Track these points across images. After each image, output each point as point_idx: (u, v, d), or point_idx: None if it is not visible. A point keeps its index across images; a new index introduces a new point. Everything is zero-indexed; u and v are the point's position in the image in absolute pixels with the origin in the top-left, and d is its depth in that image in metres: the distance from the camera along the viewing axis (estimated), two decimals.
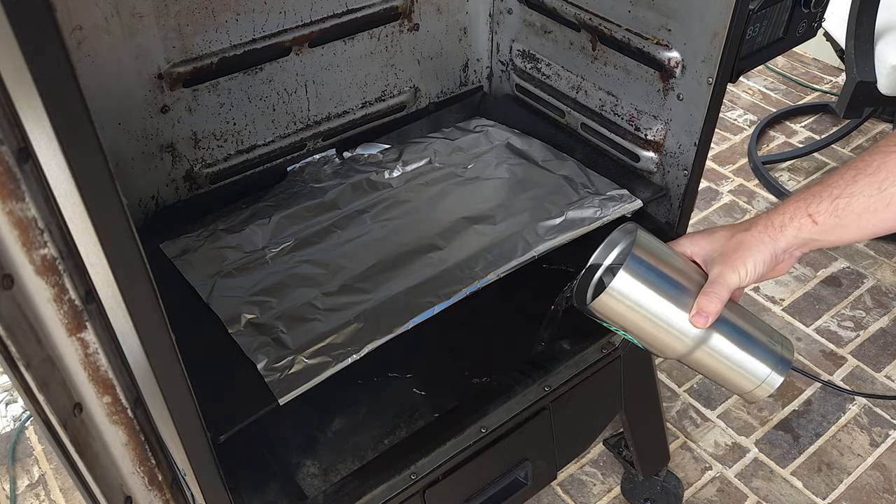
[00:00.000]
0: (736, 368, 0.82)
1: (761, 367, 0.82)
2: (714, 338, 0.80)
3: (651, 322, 0.79)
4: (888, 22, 1.87)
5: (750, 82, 2.77)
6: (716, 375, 0.83)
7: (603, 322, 0.83)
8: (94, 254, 0.53)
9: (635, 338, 0.82)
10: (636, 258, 0.79)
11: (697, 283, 0.80)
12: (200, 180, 1.14)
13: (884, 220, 0.74)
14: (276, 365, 0.88)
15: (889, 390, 1.78)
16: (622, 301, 0.78)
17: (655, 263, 0.79)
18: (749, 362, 0.82)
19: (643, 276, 0.78)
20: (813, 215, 0.77)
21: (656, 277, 0.79)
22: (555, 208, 1.10)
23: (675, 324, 0.79)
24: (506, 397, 1.01)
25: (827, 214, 0.76)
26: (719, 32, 0.97)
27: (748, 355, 0.82)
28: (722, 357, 0.81)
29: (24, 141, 0.48)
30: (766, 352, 0.82)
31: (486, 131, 1.30)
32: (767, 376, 0.82)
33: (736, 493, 1.59)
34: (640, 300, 0.78)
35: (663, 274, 0.79)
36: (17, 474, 1.63)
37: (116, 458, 0.68)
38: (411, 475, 0.94)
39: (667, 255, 0.81)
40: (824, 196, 0.76)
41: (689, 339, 0.80)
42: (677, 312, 0.79)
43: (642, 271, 0.78)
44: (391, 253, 1.05)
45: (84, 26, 0.93)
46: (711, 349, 0.81)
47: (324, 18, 1.14)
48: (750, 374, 0.82)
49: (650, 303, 0.78)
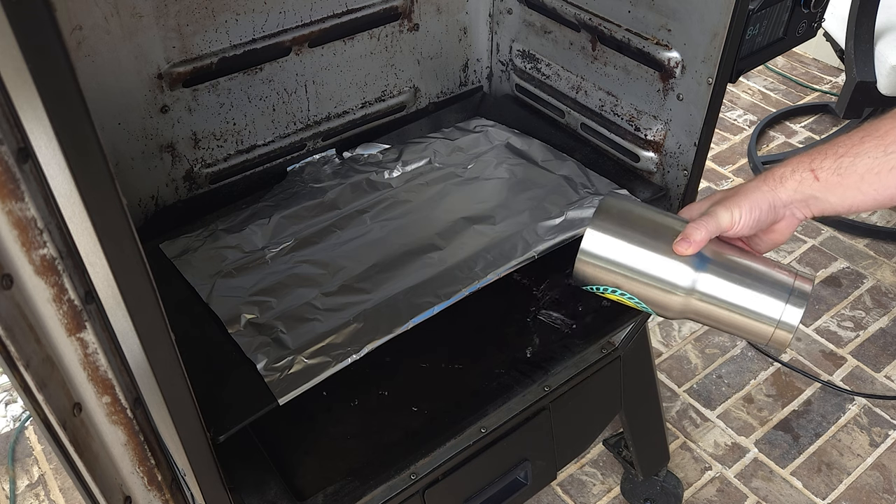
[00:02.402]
0: (743, 312, 0.75)
1: (772, 304, 0.74)
2: (708, 280, 0.75)
3: (635, 277, 0.76)
4: (888, 22, 1.87)
5: (750, 82, 2.77)
6: (728, 325, 0.77)
7: (599, 292, 0.80)
8: (93, 254, 0.53)
9: (635, 299, 0.78)
10: (602, 215, 0.76)
11: (679, 232, 0.76)
12: (200, 180, 1.14)
13: (887, 185, 0.72)
14: (276, 365, 0.88)
15: (889, 390, 1.78)
16: (596, 262, 0.76)
17: (626, 218, 0.77)
18: (755, 302, 0.75)
19: (614, 231, 0.76)
20: (815, 171, 0.75)
21: (629, 231, 0.76)
22: (555, 208, 1.10)
23: (660, 274, 0.75)
24: (505, 397, 1.01)
25: (830, 171, 0.74)
26: (719, 33, 0.97)
27: (752, 293, 0.75)
28: (723, 301, 0.75)
29: (23, 141, 0.48)
30: (775, 286, 0.75)
31: (485, 131, 1.30)
32: (782, 313, 0.74)
33: (736, 494, 1.59)
34: (613, 257, 0.76)
35: (636, 226, 0.76)
36: (17, 474, 1.63)
37: (116, 458, 0.68)
38: (411, 475, 0.94)
39: (641, 210, 0.78)
40: (829, 153, 0.74)
41: (680, 286, 0.75)
42: (659, 261, 0.75)
43: (611, 227, 0.76)
44: (391, 253, 1.05)
45: (84, 26, 0.93)
46: (709, 295, 0.75)
47: (324, 18, 1.14)
48: (761, 316, 0.75)
49: (626, 257, 0.76)
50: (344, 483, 0.90)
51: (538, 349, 1.07)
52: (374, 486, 0.90)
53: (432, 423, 0.98)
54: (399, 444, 0.95)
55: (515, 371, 1.03)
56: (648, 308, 0.80)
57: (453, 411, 0.99)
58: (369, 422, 1.00)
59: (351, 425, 1.00)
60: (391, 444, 0.96)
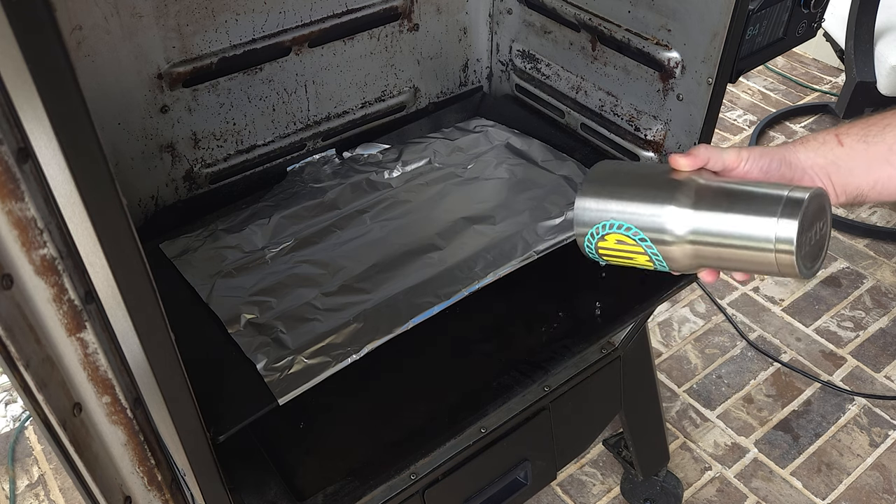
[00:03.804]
0: (739, 239, 0.69)
1: (762, 222, 0.67)
2: (702, 216, 0.71)
3: (639, 195, 0.73)
4: (888, 22, 1.87)
5: (750, 82, 2.77)
6: (732, 261, 0.71)
7: (613, 260, 0.77)
8: (93, 254, 0.53)
9: (640, 240, 0.75)
10: (591, 180, 0.74)
11: (674, 180, 0.73)
12: (200, 180, 1.14)
13: None
14: (276, 365, 0.88)
15: (888, 390, 1.78)
16: (600, 190, 0.74)
17: (615, 176, 0.75)
18: (745, 224, 0.68)
19: (604, 192, 0.74)
20: (840, 136, 0.72)
21: (616, 188, 0.74)
22: (555, 208, 1.10)
23: (655, 223, 0.72)
24: (505, 397, 1.01)
25: (856, 138, 0.71)
26: (719, 33, 0.96)
27: (740, 216, 0.69)
28: (719, 233, 0.70)
29: (23, 141, 0.48)
30: (764, 201, 0.68)
31: (485, 131, 1.30)
32: (776, 229, 0.66)
33: (735, 494, 1.59)
34: (616, 184, 0.74)
35: (625, 182, 0.74)
36: (17, 474, 1.63)
37: (116, 458, 0.68)
38: (411, 475, 0.94)
39: (632, 167, 0.77)
40: (856, 124, 0.72)
41: (674, 229, 0.71)
42: (651, 209, 0.72)
43: (600, 189, 0.74)
44: (391, 253, 1.05)
45: (84, 26, 0.93)
46: (704, 230, 0.71)
47: (324, 18, 1.14)
48: (755, 238, 0.68)
49: (628, 184, 0.74)
50: (344, 483, 0.90)
51: (538, 349, 1.07)
52: (374, 486, 0.90)
53: (432, 423, 0.98)
54: (399, 444, 0.95)
55: (515, 371, 1.03)
56: (657, 266, 0.75)
57: (453, 411, 0.99)
58: (369, 422, 1.00)
59: (351, 425, 1.00)
60: (391, 444, 0.95)
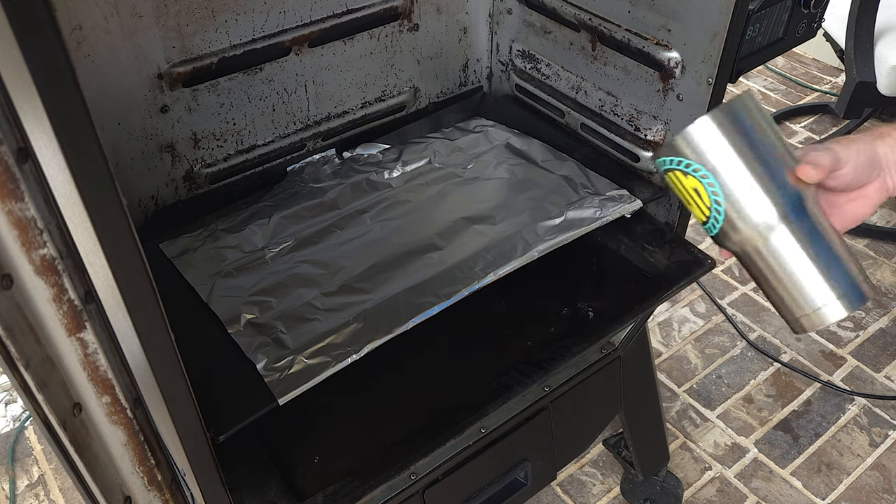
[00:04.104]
0: (797, 283, 0.69)
1: (827, 290, 0.68)
2: (785, 241, 0.69)
3: (747, 171, 0.68)
4: (888, 22, 1.87)
5: (750, 82, 2.77)
6: (771, 284, 0.71)
7: (675, 190, 0.73)
8: (93, 254, 0.53)
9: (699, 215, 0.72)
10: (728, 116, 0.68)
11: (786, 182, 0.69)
12: (200, 180, 1.14)
13: None
14: (276, 365, 0.88)
15: (888, 391, 1.78)
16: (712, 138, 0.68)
17: (746, 134, 0.69)
18: (814, 281, 0.69)
19: (721, 141, 0.68)
20: None
21: (736, 147, 0.68)
22: (555, 208, 1.10)
23: (743, 209, 0.68)
24: (505, 397, 1.01)
25: None
26: (719, 33, 0.97)
27: (824, 266, 0.68)
28: (796, 255, 0.69)
29: (23, 141, 0.48)
30: (841, 274, 0.69)
31: (485, 131, 1.30)
32: (831, 303, 0.68)
33: (735, 494, 1.59)
34: (731, 141, 0.68)
35: (749, 145, 0.69)
36: (17, 474, 1.63)
37: (116, 458, 0.68)
38: (411, 475, 0.94)
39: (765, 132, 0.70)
40: None
41: (755, 227, 0.68)
42: (752, 197, 0.68)
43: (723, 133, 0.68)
44: (391, 253, 1.05)
45: (84, 26, 0.93)
46: (777, 251, 0.69)
47: (324, 18, 1.14)
48: (810, 295, 0.69)
49: (718, 173, 0.69)
50: (344, 483, 0.90)
51: (538, 349, 1.07)
52: (374, 486, 0.90)
53: (432, 423, 0.98)
54: (399, 444, 0.95)
55: (515, 371, 1.03)
56: (716, 222, 0.71)
57: (453, 411, 0.99)
58: (369, 422, 1.00)
59: (351, 425, 1.00)
60: (391, 444, 0.95)
